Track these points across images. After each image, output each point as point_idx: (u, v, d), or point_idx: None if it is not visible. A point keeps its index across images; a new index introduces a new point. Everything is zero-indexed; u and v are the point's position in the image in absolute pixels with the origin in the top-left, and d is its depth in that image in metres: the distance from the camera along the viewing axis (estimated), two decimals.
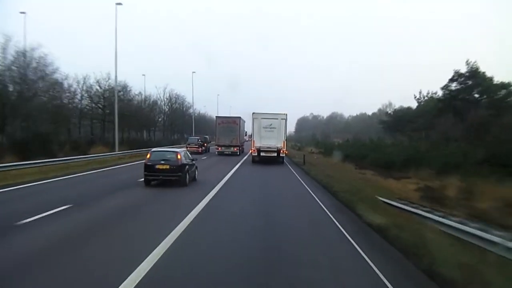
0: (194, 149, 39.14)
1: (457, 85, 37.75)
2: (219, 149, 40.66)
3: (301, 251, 7.55)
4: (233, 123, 41.36)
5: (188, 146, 39.83)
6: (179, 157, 15.74)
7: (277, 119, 30.25)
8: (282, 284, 5.79)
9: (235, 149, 40.49)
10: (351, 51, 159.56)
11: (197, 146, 42.22)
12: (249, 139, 37.49)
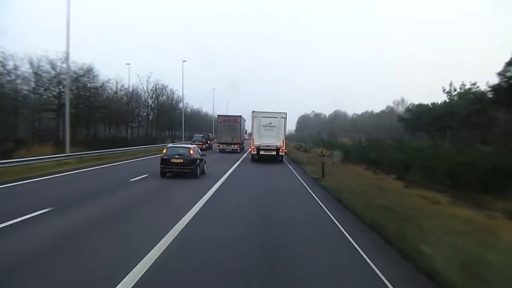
0: (198, 146, 41.64)
1: None
2: (220, 146, 42.62)
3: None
4: (234, 122, 43.45)
5: (192, 143, 42.63)
6: (191, 152, 18.83)
7: (276, 117, 30.51)
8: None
9: (236, 146, 42.50)
10: (351, 50, 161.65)
11: (201, 143, 43.76)
12: (249, 138, 37.78)
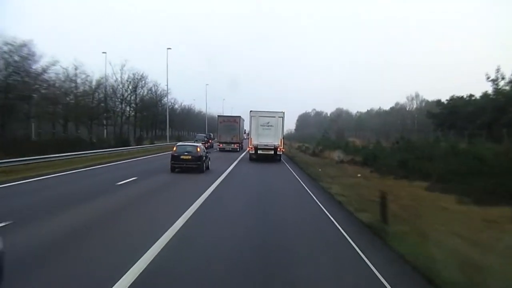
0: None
1: None
2: (220, 145, 44.70)
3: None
4: (233, 122, 45.93)
5: (195, 142, 45.04)
6: (198, 150, 21.36)
7: (274, 117, 30.86)
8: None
9: (235, 145, 44.70)
10: (351, 49, 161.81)
11: (204, 142, 46.37)
12: (247, 137, 37.90)
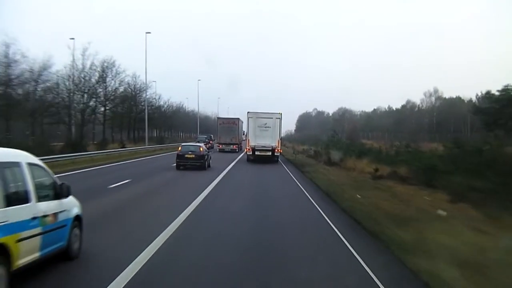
0: None
1: None
2: (220, 146, 46.22)
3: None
4: (232, 124, 47.51)
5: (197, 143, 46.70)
6: (201, 149, 23.48)
7: (271, 118, 30.86)
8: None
9: (234, 146, 46.18)
10: (350, 50, 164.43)
11: (205, 143, 48.28)
12: (245, 138, 38.57)
